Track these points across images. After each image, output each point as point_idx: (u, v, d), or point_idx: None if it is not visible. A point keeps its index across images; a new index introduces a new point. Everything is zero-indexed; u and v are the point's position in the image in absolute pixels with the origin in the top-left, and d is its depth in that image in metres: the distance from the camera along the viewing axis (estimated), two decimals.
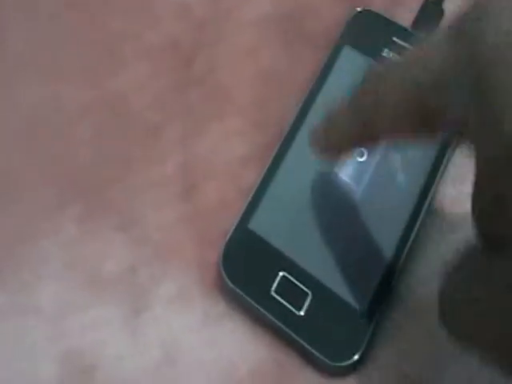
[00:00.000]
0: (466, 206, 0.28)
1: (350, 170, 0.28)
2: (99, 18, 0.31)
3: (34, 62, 0.31)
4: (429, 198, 0.27)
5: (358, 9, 0.30)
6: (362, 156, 0.28)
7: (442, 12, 0.31)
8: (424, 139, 0.18)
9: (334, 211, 0.27)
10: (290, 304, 0.25)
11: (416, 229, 0.26)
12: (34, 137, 0.29)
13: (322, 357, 0.24)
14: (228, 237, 0.26)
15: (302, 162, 0.28)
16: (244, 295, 0.25)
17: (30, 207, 0.28)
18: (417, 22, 0.31)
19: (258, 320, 0.26)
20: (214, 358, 0.26)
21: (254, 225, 0.27)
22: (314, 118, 0.28)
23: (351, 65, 0.29)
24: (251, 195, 0.27)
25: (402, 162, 0.28)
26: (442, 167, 0.28)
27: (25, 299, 0.27)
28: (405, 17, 0.31)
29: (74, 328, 0.26)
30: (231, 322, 0.26)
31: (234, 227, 0.26)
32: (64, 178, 0.29)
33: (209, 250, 0.27)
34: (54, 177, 0.29)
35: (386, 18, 0.30)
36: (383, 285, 0.25)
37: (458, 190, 0.28)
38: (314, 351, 0.24)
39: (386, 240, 0.26)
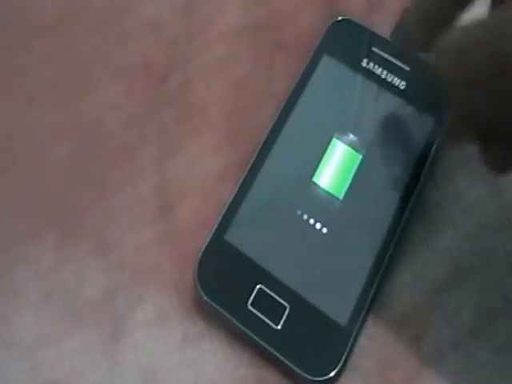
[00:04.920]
0: (449, 210, 0.28)
1: (328, 179, 0.27)
2: (69, 42, 0.31)
3: (4, 88, 0.30)
4: (410, 205, 0.26)
5: (338, 18, 0.30)
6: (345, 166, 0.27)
7: None
8: None
9: (312, 221, 0.26)
10: (268, 317, 0.24)
11: (397, 235, 0.26)
12: (6, 164, 0.29)
13: (301, 372, 0.24)
14: (203, 247, 0.26)
15: (278, 174, 0.27)
16: (219, 309, 0.25)
17: (4, 237, 0.27)
18: (395, 31, 0.31)
19: (237, 337, 0.25)
20: (194, 380, 0.25)
21: (230, 236, 0.26)
22: (292, 127, 0.28)
23: (330, 74, 0.29)
24: (227, 206, 0.26)
25: (385, 167, 0.27)
26: (424, 169, 0.27)
27: (0, 332, 0.26)
28: (383, 24, 0.31)
29: (52, 359, 0.25)
30: (210, 341, 0.26)
31: (209, 238, 0.26)
32: (38, 206, 0.28)
33: (187, 269, 0.26)
34: (28, 205, 0.28)
35: (364, 28, 0.30)
36: (364, 295, 0.25)
37: (441, 193, 0.28)
38: (292, 366, 0.24)
39: (367, 248, 0.26)
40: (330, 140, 0.28)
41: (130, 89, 0.30)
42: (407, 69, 0.29)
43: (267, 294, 0.25)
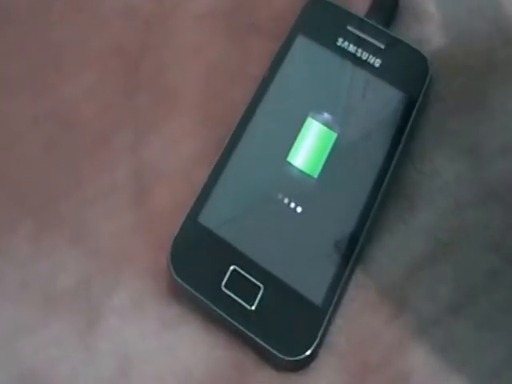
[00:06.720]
0: (426, 187, 0.27)
1: (303, 158, 0.27)
2: (40, 28, 0.30)
3: None
4: (386, 183, 0.26)
5: None
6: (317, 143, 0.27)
7: (396, 0, 0.31)
8: None
9: (287, 201, 0.26)
10: (242, 299, 0.24)
11: (373, 215, 0.25)
12: None
13: (275, 351, 0.23)
14: (177, 230, 0.25)
15: (253, 155, 0.27)
16: (193, 291, 0.24)
17: None
18: (371, 11, 0.31)
19: (212, 320, 0.25)
20: (170, 364, 0.25)
21: (203, 218, 0.26)
22: (266, 107, 0.28)
23: (305, 54, 0.29)
24: (201, 188, 0.26)
25: (360, 145, 0.27)
26: (400, 147, 0.27)
27: None
28: (357, 3, 0.31)
29: (27, 349, 0.25)
30: (186, 325, 0.25)
31: (183, 220, 0.25)
32: (13, 195, 0.27)
33: (162, 253, 0.26)
34: (2, 194, 0.27)
35: (339, 7, 0.30)
36: (339, 274, 0.24)
37: (417, 170, 0.27)
38: (267, 346, 0.23)
39: (342, 227, 0.25)
40: (305, 119, 0.27)
41: (104, 75, 0.30)
42: (382, 47, 0.29)
43: (241, 274, 0.24)
